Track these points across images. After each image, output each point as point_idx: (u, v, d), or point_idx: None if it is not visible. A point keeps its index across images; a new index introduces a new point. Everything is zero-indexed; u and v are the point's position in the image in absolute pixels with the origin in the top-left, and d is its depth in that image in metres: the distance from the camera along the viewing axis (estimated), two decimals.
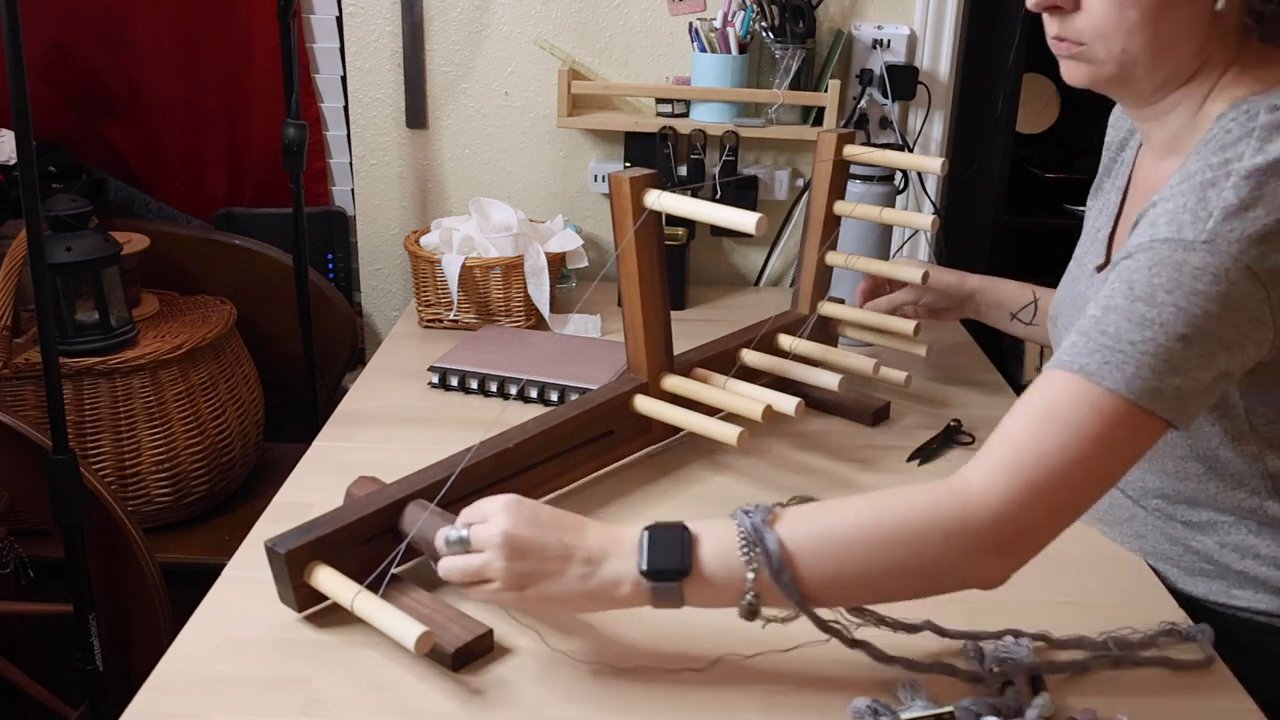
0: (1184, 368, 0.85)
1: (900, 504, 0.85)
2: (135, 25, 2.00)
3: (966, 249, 2.00)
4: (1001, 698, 0.86)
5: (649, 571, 0.84)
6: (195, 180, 2.12)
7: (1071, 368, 0.86)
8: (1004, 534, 0.84)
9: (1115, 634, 0.95)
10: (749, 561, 0.83)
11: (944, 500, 0.84)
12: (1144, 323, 0.85)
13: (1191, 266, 0.85)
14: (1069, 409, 0.85)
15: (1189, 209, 0.87)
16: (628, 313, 1.21)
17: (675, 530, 0.86)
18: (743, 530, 0.84)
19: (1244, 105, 0.92)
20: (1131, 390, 0.84)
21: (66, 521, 1.38)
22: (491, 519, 0.87)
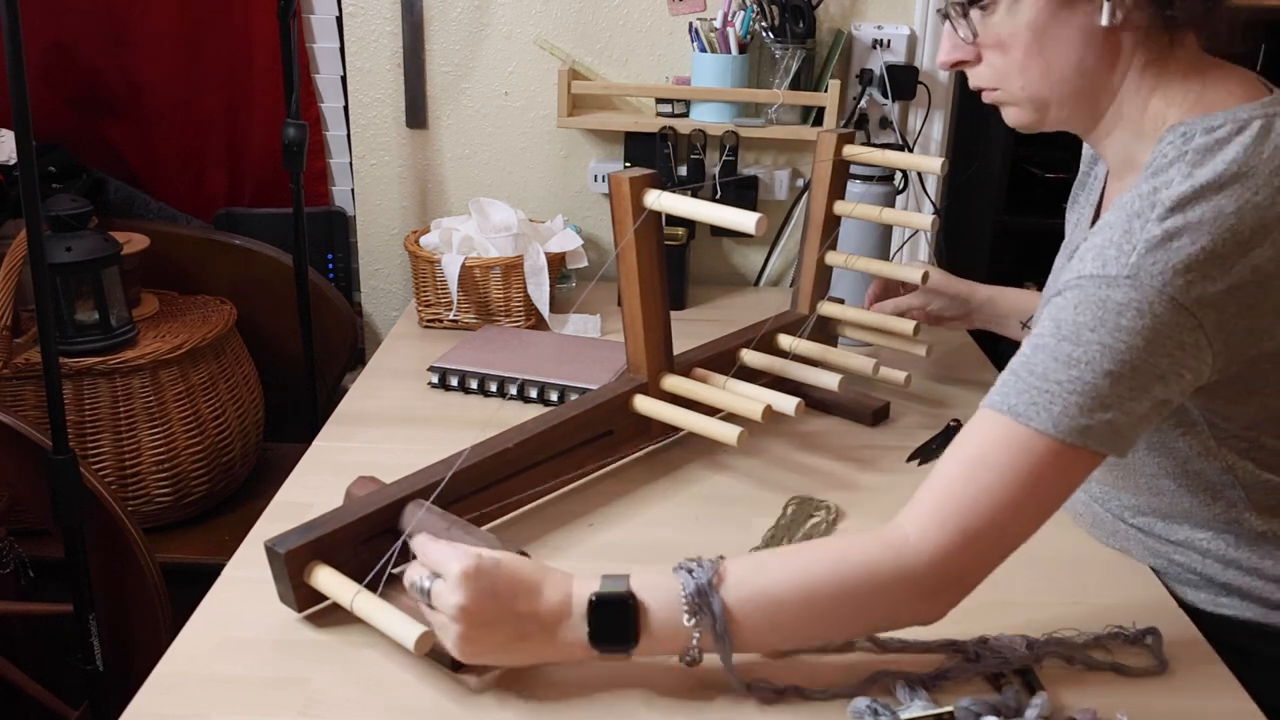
0: (1113, 403, 0.85)
1: (839, 560, 0.88)
2: (135, 25, 2.00)
3: (966, 249, 2.00)
4: (1001, 697, 0.86)
5: (597, 645, 0.86)
6: (195, 180, 2.12)
7: (1001, 408, 0.88)
8: (937, 580, 0.87)
9: (1057, 634, 0.95)
10: (694, 626, 0.85)
11: (878, 553, 0.87)
12: (1070, 362, 0.86)
13: (1115, 302, 0.85)
14: (998, 453, 0.87)
15: (1114, 243, 0.87)
16: (627, 313, 1.21)
17: (620, 600, 0.86)
18: (686, 594, 0.85)
19: (1181, 128, 0.92)
20: (1059, 429, 0.85)
21: (66, 521, 1.38)
22: (451, 583, 0.84)
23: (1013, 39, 0.96)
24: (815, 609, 0.87)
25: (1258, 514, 1.02)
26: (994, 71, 0.99)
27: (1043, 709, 0.84)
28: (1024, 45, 0.95)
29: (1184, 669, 0.94)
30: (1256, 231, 0.86)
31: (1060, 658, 0.93)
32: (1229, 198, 0.86)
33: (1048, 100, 0.98)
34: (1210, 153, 0.88)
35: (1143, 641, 0.96)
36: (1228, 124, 0.90)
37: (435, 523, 0.97)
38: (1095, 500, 1.13)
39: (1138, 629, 0.96)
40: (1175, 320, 0.85)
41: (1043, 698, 0.85)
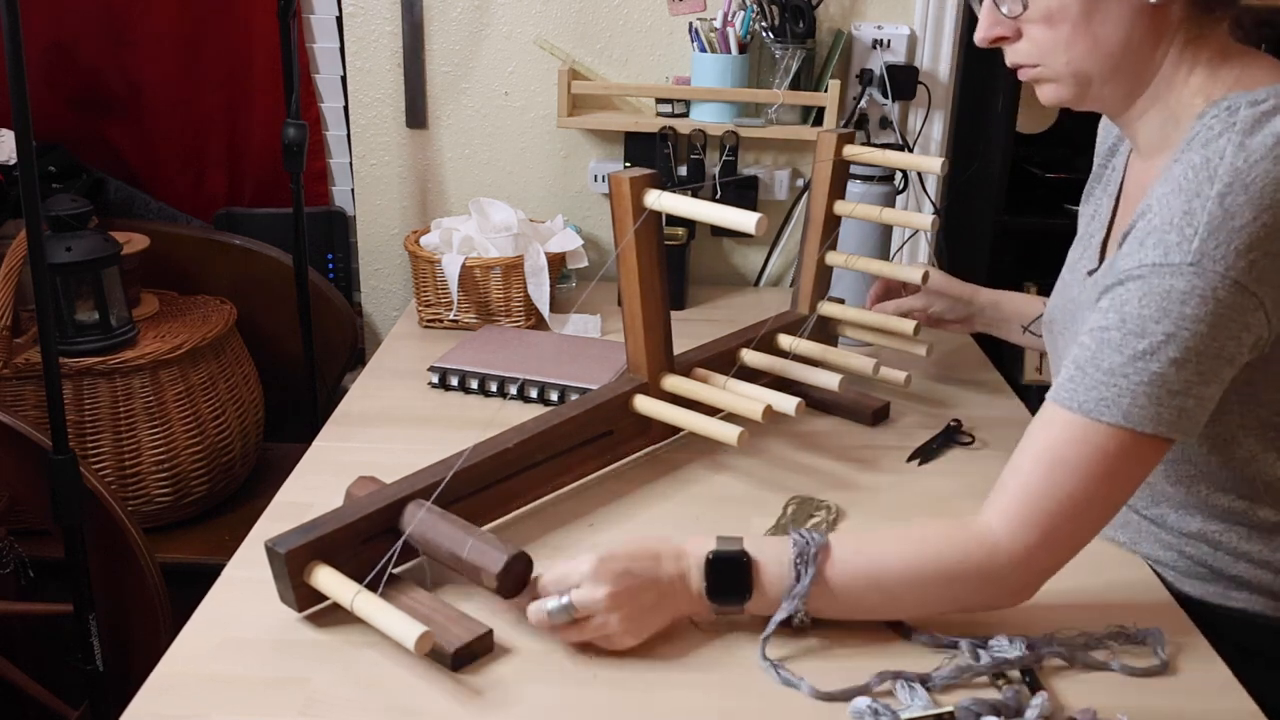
0: (1181, 389, 0.87)
1: (937, 548, 0.93)
2: (135, 25, 2.00)
3: (966, 249, 2.00)
4: (1001, 697, 0.86)
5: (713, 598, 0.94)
6: (195, 180, 2.12)
7: (1071, 406, 0.91)
8: (1026, 580, 0.94)
9: (1058, 634, 0.95)
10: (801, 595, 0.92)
11: (975, 549, 0.92)
12: (1136, 355, 0.88)
13: (1179, 292, 0.87)
14: (1074, 452, 0.90)
15: (1175, 226, 0.88)
16: (627, 313, 1.21)
17: (734, 558, 0.93)
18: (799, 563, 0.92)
19: (1225, 102, 0.93)
20: (1131, 421, 0.88)
21: (66, 521, 1.38)
22: (589, 582, 0.91)
23: (1062, 13, 0.96)
24: (912, 592, 0.93)
25: (1273, 506, 1.02)
26: (1037, 47, 0.99)
27: (1043, 709, 0.84)
28: (1073, 19, 0.95)
29: (1185, 669, 0.94)
30: None
31: (1061, 658, 0.93)
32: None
33: (1091, 76, 0.99)
34: (1259, 124, 0.90)
35: (1143, 641, 0.96)
36: (1271, 98, 0.91)
37: (436, 523, 0.97)
38: None
39: (1139, 629, 0.96)
40: (1239, 303, 0.87)
41: (1042, 697, 0.85)
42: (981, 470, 1.27)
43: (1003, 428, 1.39)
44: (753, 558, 0.93)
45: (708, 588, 0.93)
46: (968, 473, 1.28)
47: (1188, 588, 1.07)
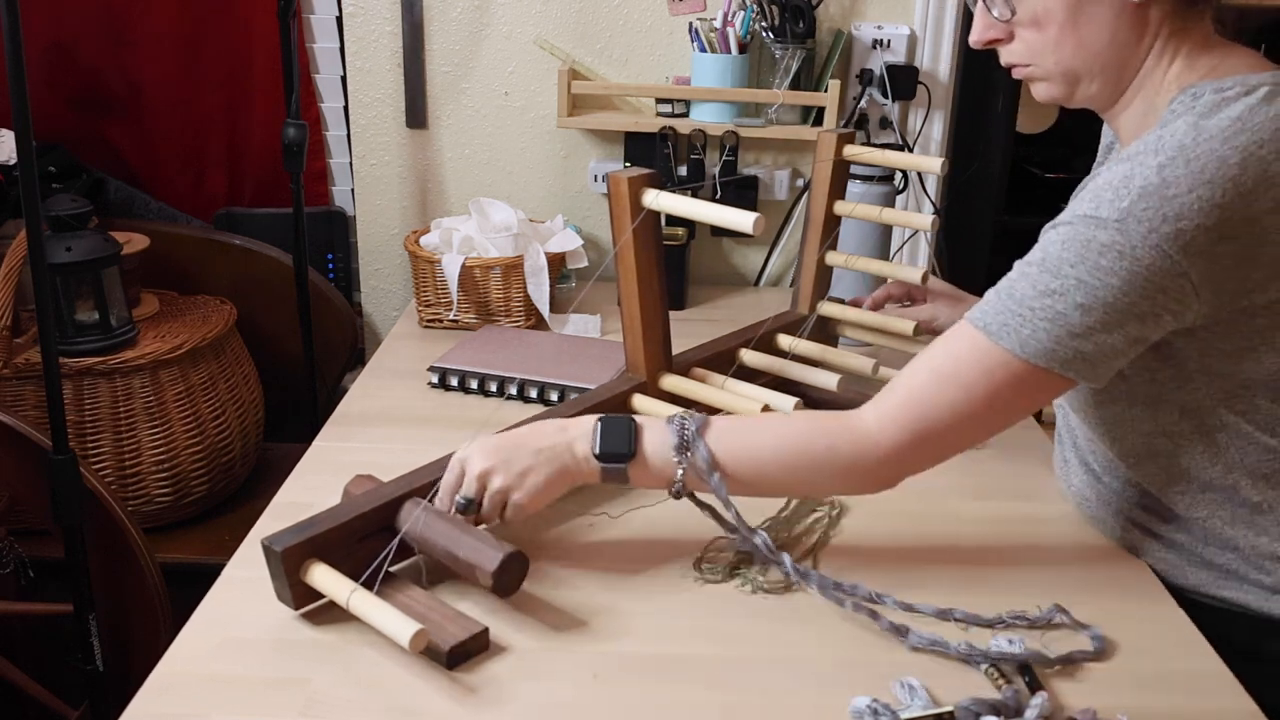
0: (1082, 333, 0.92)
1: (808, 432, 1.01)
2: (135, 25, 2.00)
3: (966, 249, 2.00)
4: (1001, 697, 0.86)
5: (601, 455, 1.00)
6: (195, 180, 2.12)
7: (977, 323, 0.96)
8: (889, 471, 1.00)
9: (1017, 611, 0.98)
10: (679, 462, 1.00)
11: (844, 436, 0.99)
12: (1046, 291, 0.92)
13: (1099, 243, 0.90)
14: (966, 367, 0.96)
15: (1112, 186, 0.91)
16: (626, 312, 1.21)
17: (622, 420, 1.02)
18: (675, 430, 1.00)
19: (1192, 90, 0.96)
20: (1025, 351, 0.93)
21: (66, 521, 1.38)
22: (467, 462, 1.01)
23: (1048, 15, 0.99)
24: (780, 468, 1.01)
25: (1253, 481, 1.02)
26: (1027, 48, 1.03)
27: (1043, 709, 0.84)
28: (1059, 21, 0.99)
29: (1184, 669, 0.94)
30: (1260, 183, 0.89)
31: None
32: (1232, 148, 0.89)
33: (1079, 74, 1.02)
34: (1218, 108, 0.92)
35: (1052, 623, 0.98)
36: (1237, 86, 0.94)
37: (432, 521, 0.97)
38: (1097, 479, 1.13)
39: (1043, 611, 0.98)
40: (1159, 266, 0.89)
41: (1042, 697, 0.85)
42: (981, 470, 1.27)
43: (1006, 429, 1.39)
44: (639, 424, 1.02)
45: (595, 446, 1.00)
46: (967, 472, 1.27)
47: (1178, 578, 1.07)
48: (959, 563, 1.07)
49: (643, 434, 1.01)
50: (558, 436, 1.02)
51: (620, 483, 1.02)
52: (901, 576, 1.05)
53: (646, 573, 1.05)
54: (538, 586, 1.01)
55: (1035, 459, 1.30)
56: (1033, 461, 1.30)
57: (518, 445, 1.01)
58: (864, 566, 1.06)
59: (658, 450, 1.01)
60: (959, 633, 0.96)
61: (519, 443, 1.01)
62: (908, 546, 1.11)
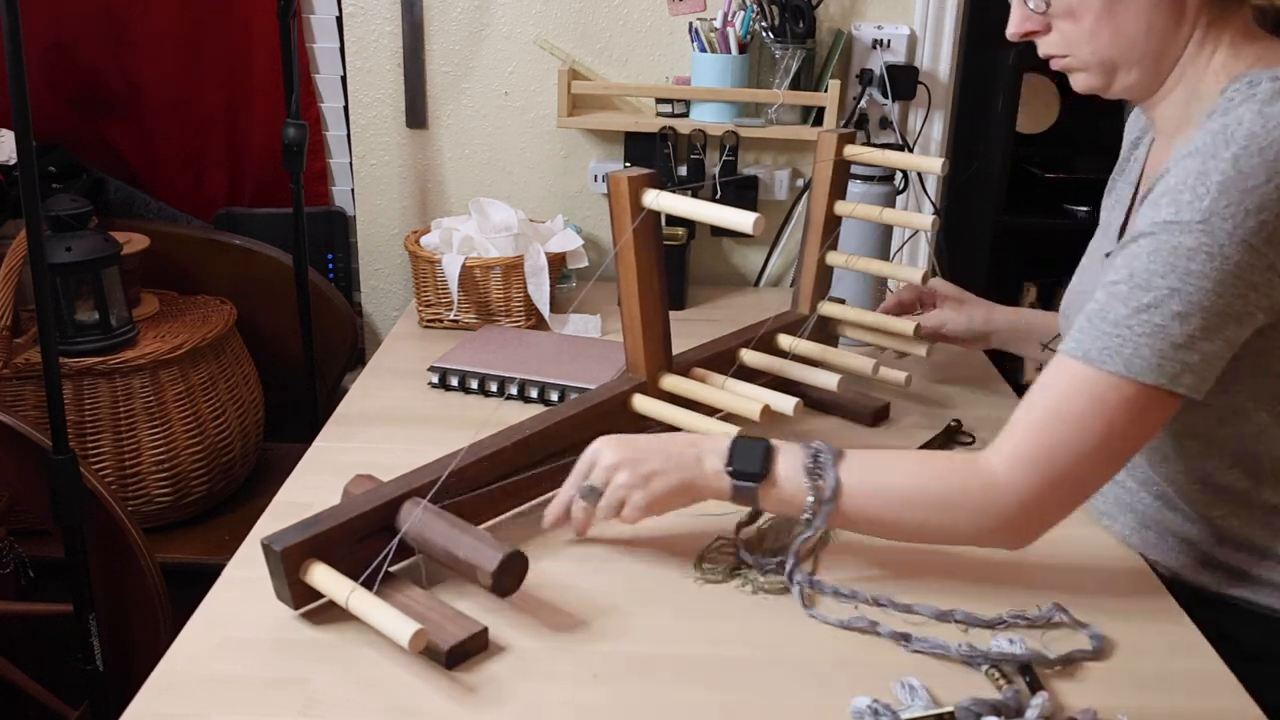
0: (1184, 343, 0.90)
1: (940, 473, 0.98)
2: (135, 25, 2.00)
3: (966, 249, 2.00)
4: (1001, 697, 0.86)
5: (733, 472, 1.00)
6: (195, 180, 2.12)
7: (1076, 354, 0.94)
8: (1022, 520, 0.96)
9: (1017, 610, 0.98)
10: (810, 488, 0.98)
11: (974, 481, 0.96)
12: (1141, 307, 0.90)
13: (1186, 248, 0.89)
14: (1077, 401, 0.93)
15: (1188, 186, 0.90)
16: (626, 312, 1.21)
17: (757, 441, 1.01)
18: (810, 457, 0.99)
19: (1246, 77, 0.95)
20: (1132, 371, 0.90)
21: (66, 521, 1.38)
22: (600, 454, 1.03)
23: (1083, 6, 0.99)
24: (911, 512, 0.98)
25: (1275, 488, 1.02)
26: (1064, 39, 1.03)
27: (1043, 709, 0.84)
28: (1095, 11, 0.99)
29: (1184, 669, 0.94)
30: None
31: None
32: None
33: (1116, 64, 1.02)
34: (1279, 95, 0.91)
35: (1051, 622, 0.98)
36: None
37: (432, 521, 0.97)
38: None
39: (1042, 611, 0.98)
40: (1248, 262, 0.88)
41: (1042, 698, 0.85)
42: None
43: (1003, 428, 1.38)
44: (774, 445, 1.01)
45: (728, 463, 1.00)
46: None
47: (1189, 576, 1.08)
48: (959, 562, 1.07)
49: (777, 456, 1.00)
50: (689, 449, 1.03)
51: (749, 504, 1.02)
52: (902, 576, 1.05)
53: (646, 573, 1.05)
54: (538, 586, 1.01)
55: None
56: None
57: (651, 448, 1.02)
58: (864, 567, 1.06)
59: (790, 476, 0.99)
60: (959, 634, 0.96)
61: (653, 446, 1.03)
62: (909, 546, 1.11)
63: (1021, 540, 0.98)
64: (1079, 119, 2.09)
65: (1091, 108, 2.08)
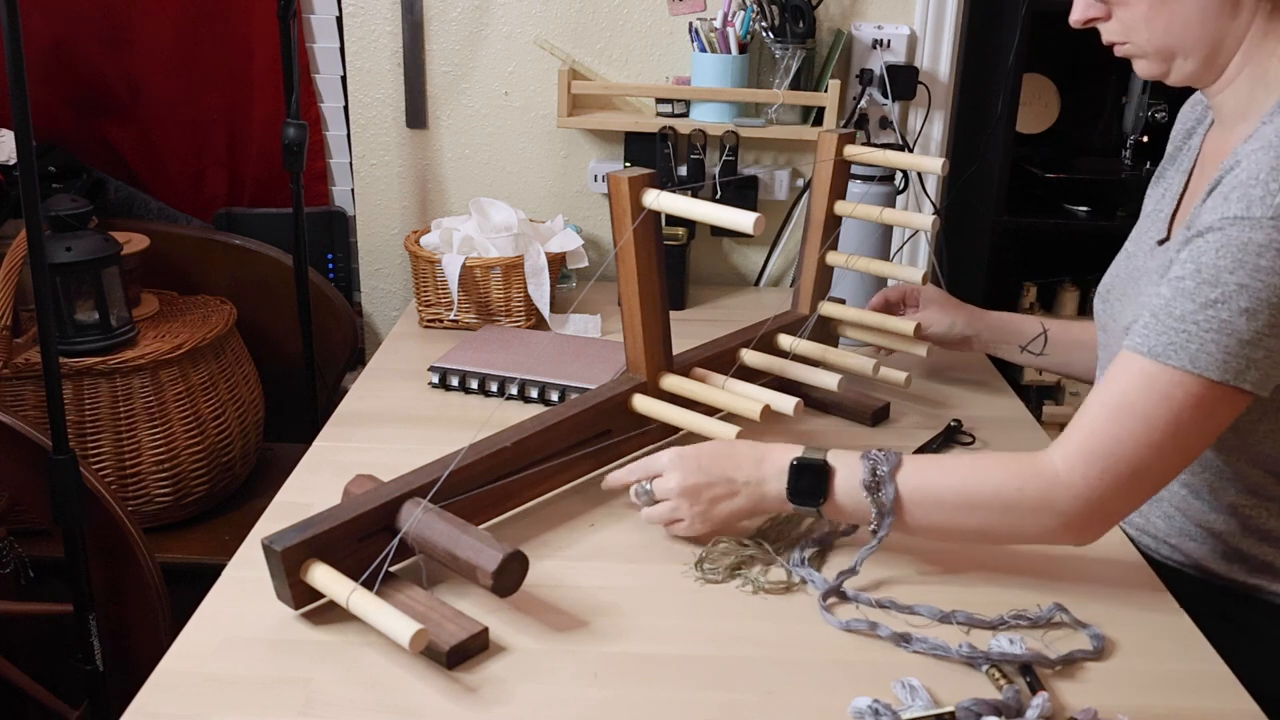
0: (1253, 339, 0.89)
1: (998, 475, 0.98)
2: (135, 25, 2.00)
3: (966, 249, 2.00)
4: (1002, 697, 0.86)
5: (793, 499, 1.02)
6: (195, 180, 2.12)
7: (1141, 350, 0.94)
8: (1084, 516, 0.96)
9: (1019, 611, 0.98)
10: (870, 501, 0.99)
11: (1033, 481, 0.96)
12: (1208, 302, 0.90)
13: (1256, 244, 0.89)
14: (1141, 395, 0.93)
15: (1260, 181, 0.90)
16: (626, 312, 1.21)
17: (816, 465, 1.02)
18: (866, 476, 0.99)
19: None
20: (1197, 366, 0.90)
21: (66, 521, 1.38)
22: (667, 473, 1.06)
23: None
24: (969, 515, 0.98)
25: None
26: (1123, 26, 1.04)
27: (1043, 709, 0.84)
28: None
29: (1184, 669, 0.94)
30: None
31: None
32: None
33: (1173, 51, 1.02)
34: None
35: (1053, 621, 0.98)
36: None
37: (432, 521, 0.97)
38: None
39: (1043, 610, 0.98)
40: None
41: (1043, 698, 0.85)
42: None
43: (1003, 428, 1.39)
44: (832, 466, 1.02)
45: (789, 489, 1.02)
46: None
47: (1213, 566, 1.08)
48: (960, 561, 1.07)
49: (835, 476, 1.02)
50: (753, 471, 1.04)
51: (815, 517, 1.04)
52: (903, 575, 1.05)
53: (646, 573, 1.05)
54: (538, 586, 1.01)
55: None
56: None
57: (715, 472, 1.04)
58: (864, 566, 1.06)
59: (849, 492, 1.01)
60: (960, 635, 0.96)
61: (717, 469, 1.04)
62: (909, 545, 1.11)
63: (1085, 536, 0.98)
64: (1079, 119, 2.09)
65: (1091, 108, 2.08)
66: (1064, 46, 2.01)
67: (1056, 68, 2.03)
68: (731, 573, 1.04)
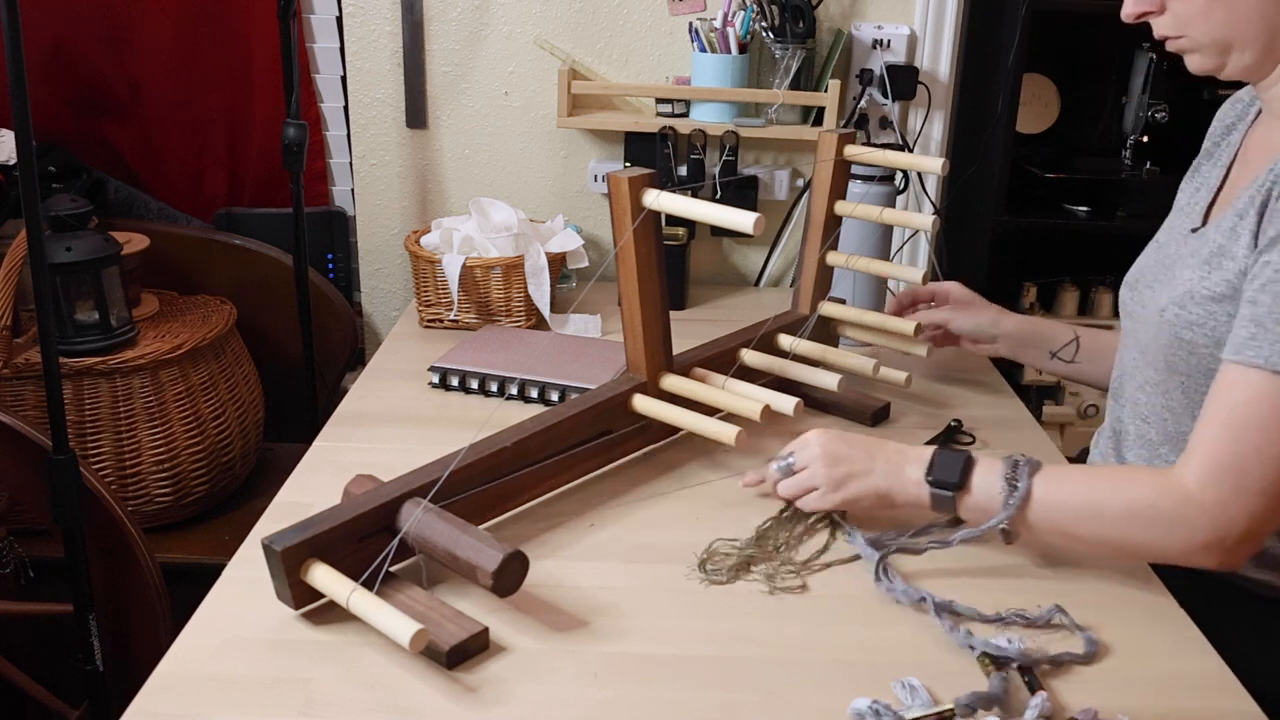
0: None
1: (1133, 489, 0.98)
2: (135, 25, 2.00)
3: (966, 249, 2.00)
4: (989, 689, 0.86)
5: (932, 481, 1.03)
6: (195, 180, 2.12)
7: (1256, 362, 0.93)
8: (1222, 535, 0.94)
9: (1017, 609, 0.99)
10: (1005, 503, 1.00)
11: (1167, 498, 0.96)
12: None
13: None
14: (1260, 407, 0.92)
15: None
16: (626, 312, 1.21)
17: (959, 455, 1.04)
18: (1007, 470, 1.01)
19: None
20: None
21: (66, 521, 1.38)
22: (812, 442, 1.09)
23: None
24: (1101, 527, 0.98)
25: None
26: (1177, 20, 1.04)
27: (1042, 709, 0.84)
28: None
29: (1184, 669, 0.94)
30: None
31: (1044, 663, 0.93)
32: None
33: (1230, 44, 1.02)
34: None
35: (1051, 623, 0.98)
36: None
37: (432, 521, 0.97)
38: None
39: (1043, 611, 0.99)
40: None
41: (1041, 698, 0.85)
42: None
43: (1003, 428, 1.39)
44: (974, 460, 1.03)
45: (929, 469, 1.04)
46: None
47: (1245, 570, 1.08)
48: (961, 560, 1.07)
49: (974, 469, 1.03)
50: (895, 456, 1.07)
51: (948, 512, 1.05)
52: (903, 574, 1.05)
53: (647, 573, 1.05)
54: (538, 586, 1.01)
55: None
56: None
57: (858, 450, 1.08)
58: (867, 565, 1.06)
59: (985, 485, 1.02)
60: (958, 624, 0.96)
61: (860, 448, 1.08)
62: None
63: (1231, 557, 0.95)
64: (1079, 119, 2.09)
65: (1091, 108, 2.08)
66: (1064, 46, 2.01)
67: (1056, 68, 2.03)
68: (737, 573, 1.04)
